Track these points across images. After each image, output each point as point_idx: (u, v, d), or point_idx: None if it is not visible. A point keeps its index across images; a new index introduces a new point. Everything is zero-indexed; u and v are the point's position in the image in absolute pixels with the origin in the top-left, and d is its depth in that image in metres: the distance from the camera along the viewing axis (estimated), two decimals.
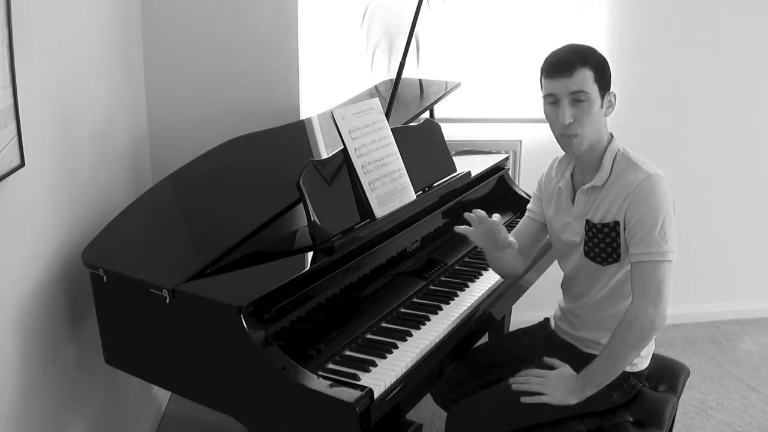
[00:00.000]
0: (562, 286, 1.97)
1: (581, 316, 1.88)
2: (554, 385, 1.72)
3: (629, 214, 1.69)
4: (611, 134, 1.79)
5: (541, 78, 1.76)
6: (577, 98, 1.68)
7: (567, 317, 1.92)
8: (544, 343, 1.96)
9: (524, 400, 1.72)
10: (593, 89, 1.68)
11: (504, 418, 1.77)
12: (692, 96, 3.25)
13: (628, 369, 1.79)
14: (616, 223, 1.72)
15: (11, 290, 1.52)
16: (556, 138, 1.76)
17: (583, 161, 1.79)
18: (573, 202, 1.84)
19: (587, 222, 1.78)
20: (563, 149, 1.79)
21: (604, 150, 1.76)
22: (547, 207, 1.93)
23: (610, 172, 1.75)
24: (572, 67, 1.67)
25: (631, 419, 1.81)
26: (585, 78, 1.67)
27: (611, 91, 1.73)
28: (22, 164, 1.48)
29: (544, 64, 1.74)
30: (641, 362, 1.83)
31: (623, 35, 3.11)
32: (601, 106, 1.71)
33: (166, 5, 2.69)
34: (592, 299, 1.84)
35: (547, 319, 2.07)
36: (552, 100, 1.72)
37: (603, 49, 1.79)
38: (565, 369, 1.77)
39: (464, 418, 1.82)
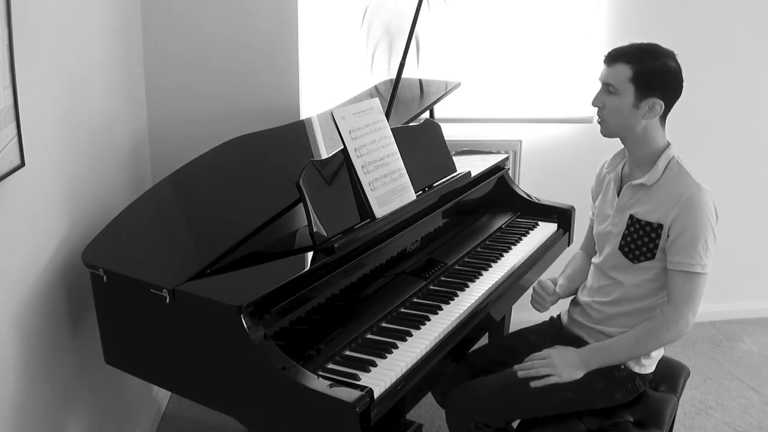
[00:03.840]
0: (588, 278, 2.00)
1: (600, 311, 1.89)
2: (559, 364, 1.75)
3: (676, 223, 1.74)
4: (668, 142, 1.85)
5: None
6: (609, 89, 1.78)
7: (585, 310, 1.93)
8: (554, 339, 1.97)
9: (534, 384, 1.75)
10: (625, 86, 1.75)
11: (507, 407, 1.78)
12: (692, 96, 3.22)
13: (636, 370, 1.81)
14: (660, 226, 1.77)
15: (11, 290, 1.52)
16: None
17: (637, 158, 1.85)
18: (618, 194, 1.89)
19: (631, 217, 1.82)
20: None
21: (660, 153, 1.82)
22: (596, 197, 2.02)
23: (662, 174, 1.80)
24: (615, 60, 1.77)
25: (632, 419, 1.81)
26: (620, 73, 1.76)
27: (656, 98, 1.76)
28: (22, 164, 1.48)
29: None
30: (650, 365, 1.85)
31: (623, 35, 3.10)
32: (636, 107, 1.76)
33: (166, 5, 2.69)
34: (616, 294, 1.86)
35: (554, 317, 2.08)
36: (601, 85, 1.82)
37: (601, 48, 1.81)
38: (561, 347, 1.81)
39: (467, 404, 1.85)
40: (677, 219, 1.74)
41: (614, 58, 1.78)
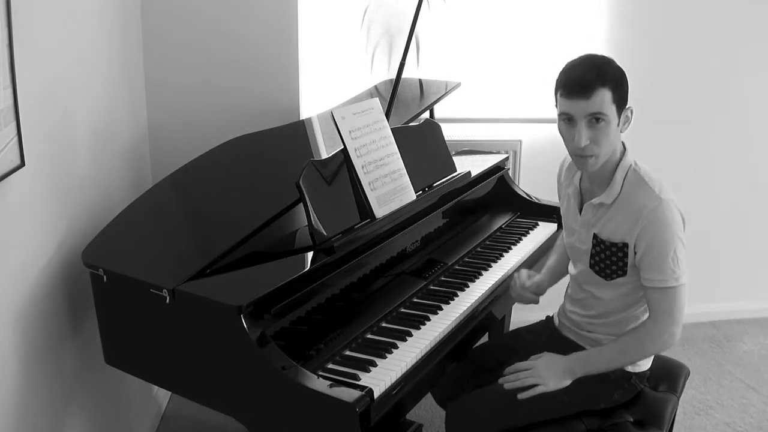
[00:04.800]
0: (568, 287, 1.98)
1: (584, 320, 1.88)
2: (545, 373, 1.72)
3: (641, 239, 1.68)
4: (624, 147, 1.75)
5: (556, 93, 1.68)
6: (595, 119, 1.63)
7: (570, 317, 1.92)
8: (547, 341, 1.96)
9: (521, 396, 1.72)
10: (611, 110, 1.62)
11: (506, 415, 1.77)
12: (692, 98, 3.25)
13: (630, 369, 1.81)
14: (625, 245, 1.71)
15: (11, 290, 1.52)
16: (570, 155, 1.74)
17: (593, 173, 1.75)
18: (580, 211, 1.83)
19: (595, 236, 1.77)
20: (578, 167, 1.77)
21: (616, 165, 1.73)
22: (561, 204, 1.97)
23: (621, 189, 1.72)
24: (591, 89, 1.60)
25: (632, 419, 1.81)
26: (604, 99, 1.61)
27: (628, 106, 1.68)
28: (22, 164, 1.48)
29: (560, 79, 1.67)
30: (644, 363, 1.84)
31: (623, 35, 3.11)
32: (618, 124, 1.67)
33: (166, 5, 2.69)
34: (595, 309, 1.85)
35: (549, 317, 2.07)
36: (567, 118, 1.66)
37: (602, 50, 1.77)
38: (548, 354, 1.79)
39: (466, 414, 1.83)
40: (641, 235, 1.67)
41: (590, 85, 1.60)
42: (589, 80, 1.60)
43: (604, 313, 1.83)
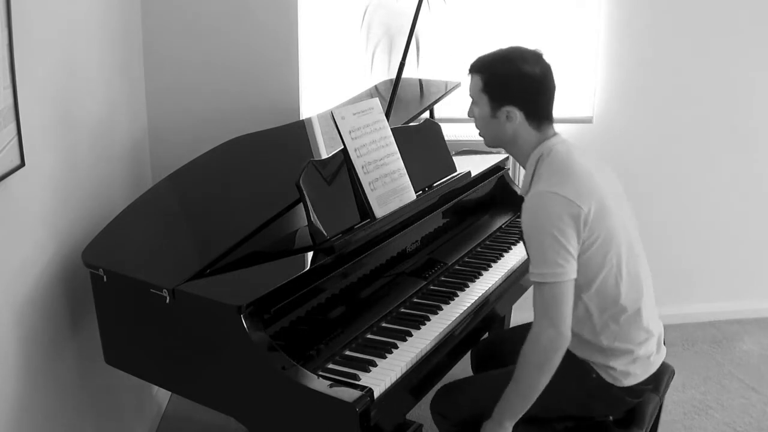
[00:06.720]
0: None
1: None
2: None
3: (522, 230, 1.66)
4: (541, 139, 1.71)
5: None
6: (473, 100, 1.75)
7: None
8: None
9: None
10: (481, 97, 1.71)
11: (487, 405, 1.76)
12: (691, 94, 3.25)
13: (609, 381, 1.72)
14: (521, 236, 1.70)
15: (11, 290, 1.52)
16: None
17: (522, 165, 1.78)
18: None
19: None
20: None
21: (528, 157, 1.73)
22: None
23: (531, 180, 1.71)
24: (471, 71, 1.75)
25: (611, 418, 1.80)
26: (475, 84, 1.73)
27: (510, 106, 1.67)
28: (22, 164, 1.48)
29: None
30: (623, 377, 1.71)
31: (622, 34, 3.11)
32: (494, 116, 1.70)
33: (166, 5, 2.69)
34: None
35: None
36: None
37: (601, 47, 1.76)
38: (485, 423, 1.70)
39: (450, 397, 1.84)
40: (522, 226, 1.66)
41: (471, 69, 1.73)
42: (473, 64, 1.75)
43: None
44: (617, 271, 1.67)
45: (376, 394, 1.46)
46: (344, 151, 1.83)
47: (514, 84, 1.68)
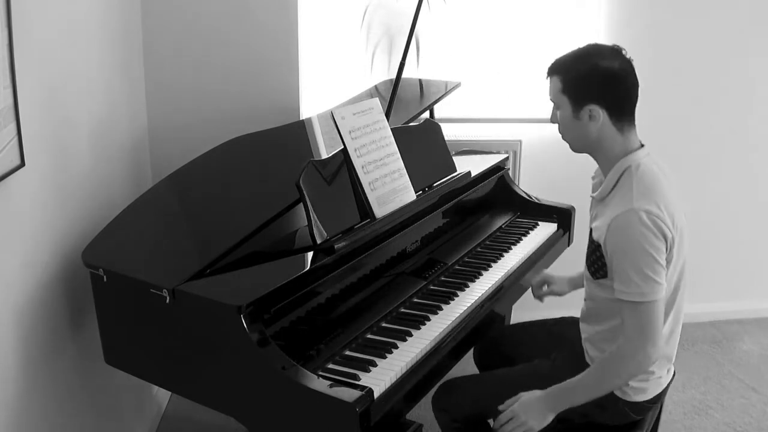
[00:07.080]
0: None
1: (585, 327, 1.84)
2: (526, 418, 1.67)
3: (607, 245, 1.63)
4: (631, 149, 1.70)
5: None
6: (555, 103, 1.73)
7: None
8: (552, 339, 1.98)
9: None
10: (562, 99, 1.69)
11: (487, 404, 1.76)
12: (692, 95, 3.25)
13: (618, 394, 1.73)
14: (599, 245, 1.67)
15: (11, 290, 1.52)
16: None
17: (602, 169, 1.77)
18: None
19: (590, 231, 1.76)
20: None
21: (614, 164, 1.71)
22: None
23: (612, 189, 1.70)
24: (549, 74, 1.72)
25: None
26: (555, 86, 1.70)
27: (592, 104, 1.65)
28: (22, 164, 1.48)
29: None
30: (634, 393, 1.73)
31: (622, 34, 3.11)
32: (577, 118, 1.68)
33: (166, 5, 2.69)
34: (590, 307, 1.81)
35: (566, 318, 2.08)
36: None
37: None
38: (525, 396, 1.70)
39: (452, 394, 1.85)
40: (607, 241, 1.62)
41: (549, 71, 1.72)
42: (551, 66, 1.72)
43: (593, 315, 1.78)
44: (672, 299, 1.70)
45: (376, 394, 1.46)
46: (344, 151, 1.83)
47: (594, 80, 1.66)
